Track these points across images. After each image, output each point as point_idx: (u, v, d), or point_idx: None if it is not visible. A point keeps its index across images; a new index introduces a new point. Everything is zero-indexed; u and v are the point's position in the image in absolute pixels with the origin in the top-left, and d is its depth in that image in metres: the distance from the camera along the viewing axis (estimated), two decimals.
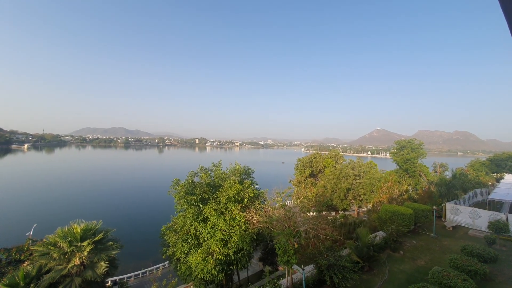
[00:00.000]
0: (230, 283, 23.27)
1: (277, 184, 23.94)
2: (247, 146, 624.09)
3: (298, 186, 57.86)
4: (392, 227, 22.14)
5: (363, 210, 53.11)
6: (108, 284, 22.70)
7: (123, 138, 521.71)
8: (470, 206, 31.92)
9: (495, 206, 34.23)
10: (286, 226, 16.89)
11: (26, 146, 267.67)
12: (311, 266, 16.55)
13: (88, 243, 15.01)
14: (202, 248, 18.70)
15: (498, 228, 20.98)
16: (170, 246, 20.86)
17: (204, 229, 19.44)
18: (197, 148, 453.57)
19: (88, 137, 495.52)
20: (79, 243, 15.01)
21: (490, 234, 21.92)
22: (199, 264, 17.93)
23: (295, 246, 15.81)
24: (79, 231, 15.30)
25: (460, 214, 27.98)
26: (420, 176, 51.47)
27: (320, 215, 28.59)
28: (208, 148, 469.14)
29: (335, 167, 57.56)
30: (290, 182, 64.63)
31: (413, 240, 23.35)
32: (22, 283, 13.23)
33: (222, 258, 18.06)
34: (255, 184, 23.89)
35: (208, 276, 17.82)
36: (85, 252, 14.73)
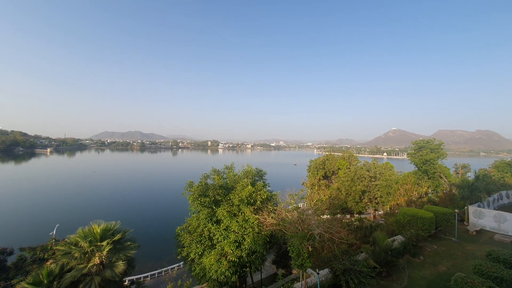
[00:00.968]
0: (244, 285, 23.25)
1: (289, 186, 23.64)
2: (258, 148, 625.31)
3: (311, 188, 57.02)
4: (411, 231, 21.37)
5: (380, 213, 51.48)
6: (125, 283, 23.30)
7: (139, 141, 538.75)
8: (495, 209, 30.27)
9: None
10: (299, 229, 16.67)
11: (49, 150, 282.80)
12: (326, 270, 16.24)
13: (107, 243, 15.43)
14: (216, 249, 18.83)
15: None
16: (184, 247, 21.17)
17: (218, 230, 19.57)
18: (209, 151, 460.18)
19: (107, 140, 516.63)
20: (99, 243, 15.48)
21: None
22: (213, 265, 18.07)
23: (309, 249, 15.56)
24: (98, 231, 15.80)
25: (484, 218, 26.52)
26: (440, 177, 49.21)
27: (334, 218, 28.02)
28: (220, 150, 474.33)
29: (349, 168, 56.24)
30: (303, 184, 63.88)
31: (434, 245, 22.31)
32: (45, 281, 13.80)
33: (236, 260, 18.07)
34: (267, 186, 23.73)
35: (222, 277, 17.93)
36: (104, 252, 15.17)
